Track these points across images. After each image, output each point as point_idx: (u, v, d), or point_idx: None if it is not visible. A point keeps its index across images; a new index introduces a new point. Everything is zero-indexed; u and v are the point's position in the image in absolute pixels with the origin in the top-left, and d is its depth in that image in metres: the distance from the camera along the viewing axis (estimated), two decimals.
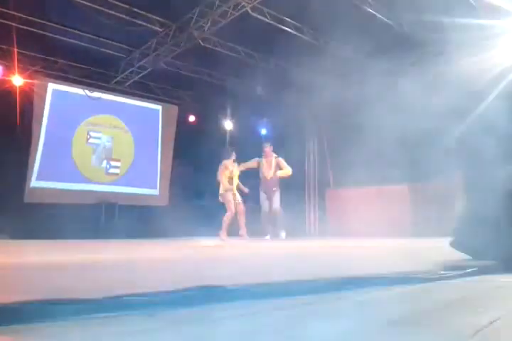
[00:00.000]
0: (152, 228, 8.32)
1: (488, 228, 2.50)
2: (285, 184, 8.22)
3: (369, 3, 6.80)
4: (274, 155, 7.87)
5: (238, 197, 7.15)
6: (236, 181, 7.26)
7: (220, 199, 7.14)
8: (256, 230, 7.75)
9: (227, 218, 6.91)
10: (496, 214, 2.52)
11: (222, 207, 7.58)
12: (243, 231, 7.06)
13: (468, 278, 1.89)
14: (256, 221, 7.74)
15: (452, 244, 2.70)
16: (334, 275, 1.73)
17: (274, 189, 7.73)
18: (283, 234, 7.57)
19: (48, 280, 1.94)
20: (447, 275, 1.87)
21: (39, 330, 0.98)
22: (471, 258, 2.57)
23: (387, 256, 3.64)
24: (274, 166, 7.77)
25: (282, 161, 7.82)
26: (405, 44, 7.38)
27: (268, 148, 7.86)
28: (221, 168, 7.16)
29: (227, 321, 1.08)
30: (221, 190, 7.11)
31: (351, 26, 6.87)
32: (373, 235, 7.69)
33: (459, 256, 2.63)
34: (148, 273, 2.31)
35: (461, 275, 1.91)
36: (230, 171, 7.15)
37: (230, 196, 7.03)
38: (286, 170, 7.78)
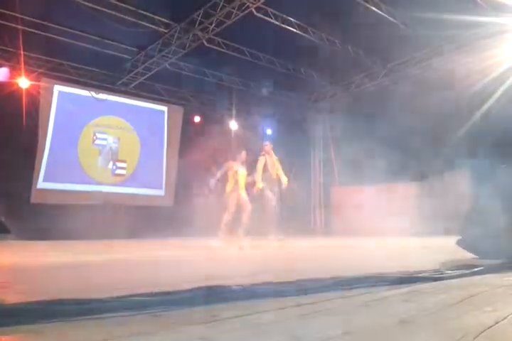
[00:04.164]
0: (157, 228, 8.33)
1: (496, 227, 2.49)
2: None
3: (374, 2, 6.77)
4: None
5: (244, 197, 7.12)
6: (242, 181, 7.24)
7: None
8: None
9: (224, 218, 6.92)
10: (503, 214, 2.51)
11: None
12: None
13: (475, 277, 1.88)
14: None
15: (459, 243, 2.69)
16: (341, 274, 1.73)
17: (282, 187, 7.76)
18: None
19: (54, 281, 1.95)
20: (454, 274, 1.86)
21: (43, 331, 0.99)
22: (478, 257, 2.56)
23: (394, 255, 3.62)
24: (278, 164, 7.80)
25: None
26: (410, 43, 7.35)
27: (270, 147, 7.88)
28: (223, 168, 7.16)
29: (232, 321, 1.08)
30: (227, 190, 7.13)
31: (356, 26, 6.86)
32: (379, 233, 7.65)
33: (465, 255, 2.62)
34: (152, 273, 2.32)
35: (468, 274, 1.90)
36: (234, 172, 7.13)
37: (231, 196, 7.02)
38: (284, 178, 7.87)
